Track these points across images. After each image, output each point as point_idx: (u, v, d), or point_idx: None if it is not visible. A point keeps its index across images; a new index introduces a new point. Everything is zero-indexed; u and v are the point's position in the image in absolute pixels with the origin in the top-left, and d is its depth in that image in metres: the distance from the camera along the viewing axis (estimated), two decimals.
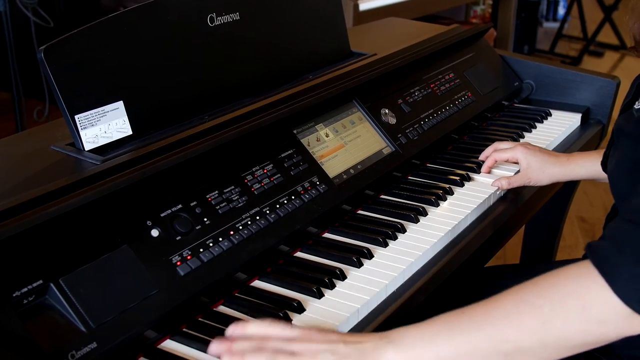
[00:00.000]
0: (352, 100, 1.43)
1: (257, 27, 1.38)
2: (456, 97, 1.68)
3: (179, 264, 0.99)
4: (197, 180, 1.09)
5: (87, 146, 1.11)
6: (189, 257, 1.00)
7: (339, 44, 1.60)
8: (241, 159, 1.17)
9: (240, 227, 1.08)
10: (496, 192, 1.38)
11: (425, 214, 1.28)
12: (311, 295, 1.04)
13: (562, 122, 1.77)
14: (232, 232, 1.07)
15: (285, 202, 1.17)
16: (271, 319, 0.88)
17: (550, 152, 1.43)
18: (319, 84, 1.38)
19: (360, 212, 1.30)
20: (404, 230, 1.22)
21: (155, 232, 1.00)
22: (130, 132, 1.16)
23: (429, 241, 1.19)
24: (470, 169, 1.46)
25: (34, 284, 0.86)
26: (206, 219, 1.06)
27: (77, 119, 1.10)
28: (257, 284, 1.08)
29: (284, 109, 1.25)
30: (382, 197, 1.36)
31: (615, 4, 5.64)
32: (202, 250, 1.02)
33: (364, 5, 3.06)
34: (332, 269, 1.09)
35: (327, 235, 1.22)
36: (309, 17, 1.51)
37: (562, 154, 1.44)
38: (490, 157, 1.46)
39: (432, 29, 1.95)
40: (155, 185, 1.04)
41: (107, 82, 1.13)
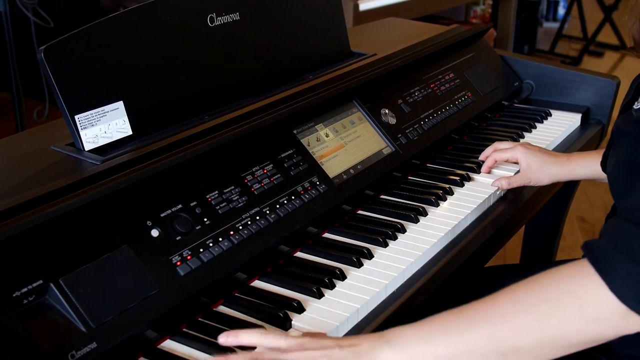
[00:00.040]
0: (352, 100, 1.43)
1: (257, 27, 1.38)
2: (456, 97, 1.68)
3: (179, 264, 0.99)
4: (197, 180, 1.09)
5: (87, 146, 1.11)
6: (189, 257, 1.00)
7: (339, 44, 1.60)
8: (241, 159, 1.17)
9: (240, 227, 1.09)
10: (496, 192, 1.38)
11: (425, 214, 1.28)
12: (311, 295, 1.04)
13: (562, 122, 1.77)
14: (232, 232, 1.07)
15: (285, 202, 1.17)
16: (263, 329, 0.88)
17: (550, 152, 1.43)
18: (319, 84, 1.38)
19: (360, 212, 1.30)
20: (404, 230, 1.22)
21: (155, 232, 1.00)
22: (130, 132, 1.16)
23: (429, 241, 1.19)
24: (470, 169, 1.46)
25: (34, 284, 0.86)
26: (206, 219, 1.06)
27: (77, 119, 1.10)
28: (257, 284, 1.08)
29: (283, 109, 1.25)
30: (382, 197, 1.36)
31: (615, 4, 5.64)
32: (202, 250, 1.02)
33: (364, 5, 3.06)
34: (332, 269, 1.09)
35: (327, 235, 1.22)
36: (309, 17, 1.51)
37: (562, 154, 1.44)
38: (490, 157, 1.46)
39: (432, 29, 1.95)
40: (155, 185, 1.04)
41: (107, 82, 1.13)
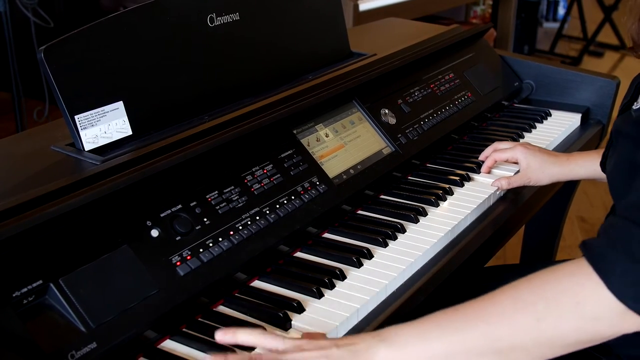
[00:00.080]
0: (352, 100, 1.43)
1: (257, 27, 1.38)
2: (456, 97, 1.68)
3: (178, 264, 0.99)
4: (197, 180, 1.10)
5: (87, 146, 1.11)
6: (189, 257, 1.00)
7: (338, 44, 1.60)
8: (241, 159, 1.17)
9: (240, 227, 1.09)
10: (496, 192, 1.38)
11: (425, 214, 1.28)
12: (311, 295, 1.04)
13: (562, 122, 1.77)
14: (232, 232, 1.07)
15: (285, 202, 1.17)
16: (261, 329, 0.88)
17: (549, 152, 1.43)
18: (319, 84, 1.38)
19: (360, 212, 1.30)
20: (403, 230, 1.22)
21: (155, 232, 1.00)
22: (130, 133, 1.16)
23: (428, 241, 1.19)
24: (470, 169, 1.46)
25: (34, 284, 0.86)
26: (206, 219, 1.06)
27: (77, 119, 1.10)
28: (257, 284, 1.08)
29: (283, 109, 1.25)
30: (382, 197, 1.36)
31: (615, 4, 5.64)
32: (202, 250, 1.02)
33: (364, 5, 3.06)
34: (331, 269, 1.09)
35: (326, 235, 1.22)
36: (309, 17, 1.51)
37: (562, 154, 1.44)
38: (490, 157, 1.46)
39: (432, 29, 1.95)
40: (155, 185, 1.04)
41: (107, 82, 1.13)
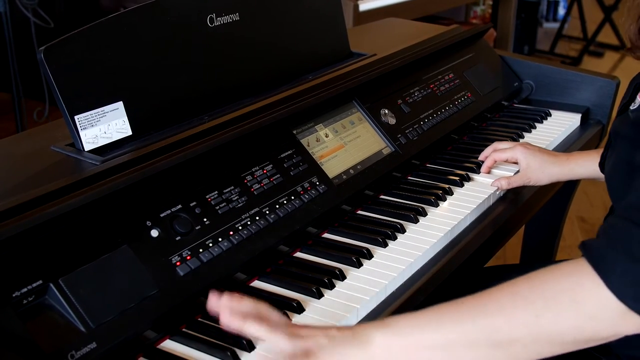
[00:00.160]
0: (351, 100, 1.43)
1: (257, 27, 1.39)
2: (456, 97, 1.68)
3: (178, 264, 0.99)
4: (197, 180, 1.10)
5: (87, 147, 1.11)
6: (189, 257, 1.00)
7: (338, 44, 1.60)
8: (241, 160, 1.17)
9: (239, 228, 1.09)
10: (496, 192, 1.38)
11: (424, 214, 1.28)
12: (311, 295, 1.04)
13: (561, 122, 1.77)
14: (231, 233, 1.07)
15: (284, 202, 1.17)
16: (268, 305, 0.88)
17: (549, 152, 1.43)
18: (319, 84, 1.38)
19: (359, 212, 1.30)
20: (403, 230, 1.22)
21: (155, 232, 1.00)
22: (130, 133, 1.16)
23: (428, 241, 1.19)
24: (469, 169, 1.46)
25: (34, 284, 0.86)
26: (206, 219, 1.06)
27: (77, 120, 1.10)
28: (257, 284, 1.08)
29: (283, 110, 1.25)
30: (382, 197, 1.36)
31: (615, 4, 5.64)
32: (201, 250, 1.02)
33: (364, 5, 3.06)
34: (331, 269, 1.09)
35: (326, 235, 1.22)
36: (308, 18, 1.52)
37: (562, 154, 1.44)
38: (489, 157, 1.46)
39: (432, 29, 1.95)
40: (154, 185, 1.04)
41: (107, 82, 1.13)
